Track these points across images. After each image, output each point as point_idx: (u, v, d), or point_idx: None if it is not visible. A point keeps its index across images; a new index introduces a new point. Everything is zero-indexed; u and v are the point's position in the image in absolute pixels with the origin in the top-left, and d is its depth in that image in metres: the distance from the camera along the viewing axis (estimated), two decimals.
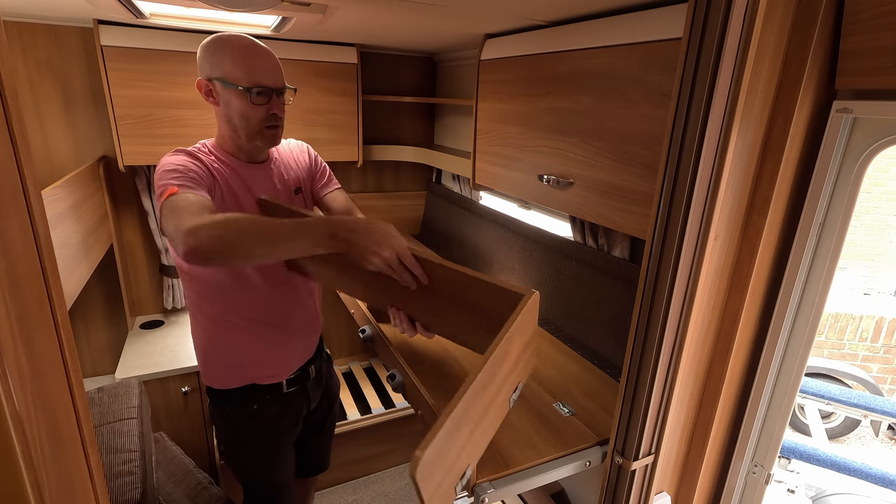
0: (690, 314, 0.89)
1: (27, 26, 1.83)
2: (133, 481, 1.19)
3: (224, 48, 1.13)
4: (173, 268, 2.29)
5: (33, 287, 0.46)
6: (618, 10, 1.18)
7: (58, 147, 1.99)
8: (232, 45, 1.13)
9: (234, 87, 1.12)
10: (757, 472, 1.08)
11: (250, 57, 1.13)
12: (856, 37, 0.76)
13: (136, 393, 1.53)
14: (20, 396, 0.39)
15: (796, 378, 0.99)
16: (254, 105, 1.14)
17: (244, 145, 1.22)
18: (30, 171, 0.45)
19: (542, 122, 1.40)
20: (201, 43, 1.16)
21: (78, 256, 1.60)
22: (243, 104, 1.14)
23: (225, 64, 1.12)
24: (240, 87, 1.12)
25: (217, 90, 1.15)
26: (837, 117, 0.83)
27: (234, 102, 1.14)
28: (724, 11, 0.72)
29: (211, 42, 1.15)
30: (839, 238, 0.89)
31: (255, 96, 1.13)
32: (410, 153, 2.52)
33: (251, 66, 1.12)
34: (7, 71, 0.41)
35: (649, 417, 0.97)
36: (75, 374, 0.52)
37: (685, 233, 0.84)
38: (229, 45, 1.13)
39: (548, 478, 1.04)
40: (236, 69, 1.12)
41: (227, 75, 1.12)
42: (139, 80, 1.83)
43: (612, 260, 1.46)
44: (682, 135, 0.81)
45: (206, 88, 1.16)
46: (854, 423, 3.58)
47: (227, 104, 1.15)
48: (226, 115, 1.17)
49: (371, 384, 2.68)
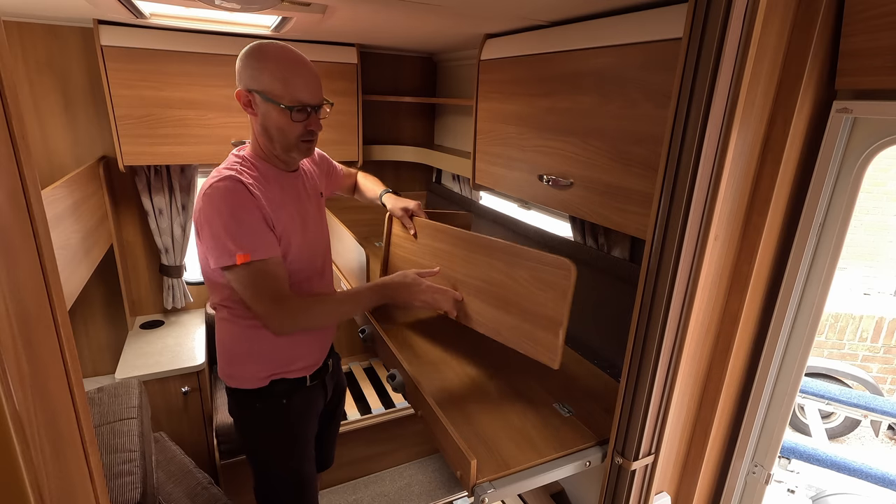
0: (690, 314, 0.89)
1: (27, 26, 1.83)
2: (133, 481, 1.19)
3: (266, 61, 1.12)
4: (173, 268, 2.29)
5: (33, 287, 0.46)
6: (618, 10, 1.18)
7: (58, 147, 1.99)
8: (276, 59, 1.13)
9: (275, 103, 1.13)
10: (757, 472, 1.08)
11: (293, 74, 1.13)
12: (856, 37, 0.76)
13: (136, 393, 1.53)
14: (20, 396, 0.39)
15: (796, 378, 0.99)
16: (293, 122, 1.15)
17: (280, 155, 1.23)
18: (30, 171, 0.45)
19: (542, 122, 1.40)
20: (242, 51, 1.15)
21: (78, 256, 1.60)
22: (283, 120, 1.15)
23: (265, 78, 1.12)
24: (281, 105, 1.13)
25: (256, 102, 1.15)
26: (837, 117, 0.83)
27: (273, 116, 1.15)
28: (724, 11, 0.72)
29: (252, 53, 1.13)
30: (839, 238, 0.89)
31: (296, 114, 1.14)
32: (410, 153, 2.52)
33: (293, 83, 1.12)
34: (7, 71, 0.41)
35: (649, 417, 0.97)
36: (75, 374, 0.52)
37: (685, 233, 0.84)
38: (273, 59, 1.12)
39: (548, 478, 1.04)
40: (277, 85, 1.12)
41: (268, 90, 1.12)
42: (139, 80, 1.83)
43: (612, 260, 1.46)
44: (682, 135, 0.81)
45: (245, 99, 1.16)
46: (854, 423, 3.58)
47: (266, 116, 1.15)
48: (264, 127, 1.18)
49: (371, 384, 2.68)
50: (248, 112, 1.18)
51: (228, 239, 1.09)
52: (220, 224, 1.10)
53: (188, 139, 1.96)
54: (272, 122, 1.16)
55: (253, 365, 1.32)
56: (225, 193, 1.11)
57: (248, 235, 1.11)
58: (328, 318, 1.27)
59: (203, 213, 1.12)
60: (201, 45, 1.88)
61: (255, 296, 1.13)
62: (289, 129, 1.16)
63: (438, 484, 2.50)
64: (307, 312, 1.20)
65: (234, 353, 1.33)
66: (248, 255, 1.10)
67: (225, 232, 1.09)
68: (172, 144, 1.94)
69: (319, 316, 1.23)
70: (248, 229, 1.11)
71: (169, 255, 2.26)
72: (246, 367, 1.32)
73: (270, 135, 1.18)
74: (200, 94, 1.92)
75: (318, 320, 1.24)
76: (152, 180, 2.12)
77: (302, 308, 1.19)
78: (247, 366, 1.32)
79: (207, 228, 1.12)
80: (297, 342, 1.34)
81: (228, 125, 2.00)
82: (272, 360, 1.33)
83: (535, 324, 1.15)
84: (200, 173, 2.29)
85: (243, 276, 1.12)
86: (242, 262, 1.09)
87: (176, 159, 1.98)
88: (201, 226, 1.14)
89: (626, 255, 1.44)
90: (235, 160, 1.21)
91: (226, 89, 1.95)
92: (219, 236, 1.10)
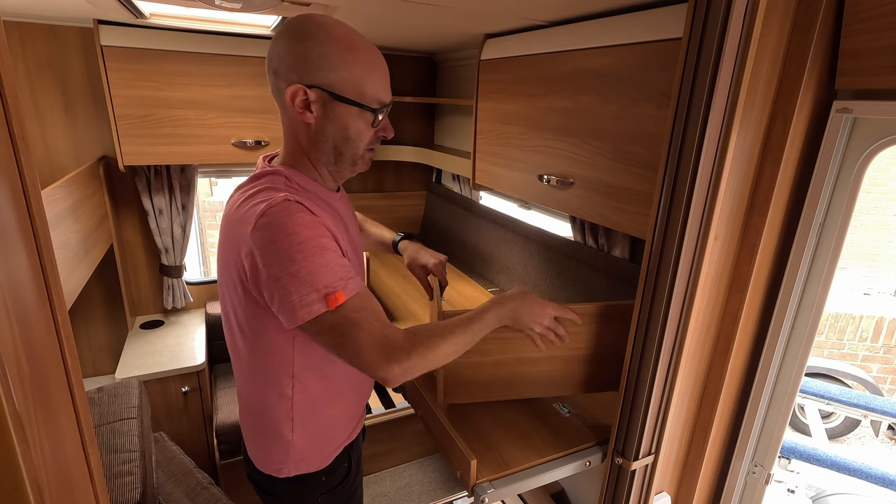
0: (690, 314, 0.89)
1: (27, 26, 1.83)
2: (133, 481, 1.19)
3: (336, 45, 0.83)
4: (173, 268, 2.29)
5: (33, 287, 0.46)
6: (618, 10, 1.18)
7: (58, 147, 1.99)
8: (348, 43, 0.84)
9: (355, 104, 0.86)
10: (757, 472, 1.08)
11: (372, 65, 0.87)
12: (856, 37, 0.76)
13: (136, 393, 1.53)
14: (20, 396, 0.39)
15: (796, 378, 0.99)
16: (372, 127, 0.90)
17: (334, 170, 0.94)
18: (30, 171, 0.45)
19: (542, 122, 1.40)
20: (287, 30, 0.84)
21: (78, 256, 1.60)
22: (360, 125, 0.88)
23: (339, 71, 0.83)
24: (363, 106, 0.87)
25: (320, 102, 0.85)
26: (837, 117, 0.83)
27: (344, 121, 0.87)
28: (724, 11, 0.72)
29: (310, 31, 0.82)
30: (839, 238, 0.89)
31: (379, 117, 0.89)
32: (410, 153, 2.53)
33: (374, 77, 0.87)
34: (7, 71, 0.41)
35: (649, 417, 0.97)
36: (75, 374, 0.52)
37: (685, 233, 0.84)
38: (345, 42, 0.84)
39: (548, 478, 1.04)
40: (356, 80, 0.85)
41: (343, 86, 0.84)
42: (139, 80, 1.83)
43: (612, 260, 1.46)
44: (682, 135, 0.81)
45: (301, 98, 0.84)
46: (854, 423, 3.58)
47: (334, 121, 0.87)
48: (324, 134, 0.88)
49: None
50: (299, 113, 0.86)
51: (309, 279, 0.78)
52: (293, 261, 0.78)
53: (188, 139, 1.96)
54: (341, 128, 0.88)
55: (327, 440, 1.04)
56: (292, 220, 0.79)
57: (332, 269, 0.81)
58: (451, 355, 0.92)
59: (264, 253, 0.78)
60: (201, 45, 1.88)
61: (363, 343, 0.82)
62: (365, 135, 0.90)
63: (438, 484, 2.49)
64: (431, 350, 0.88)
65: (307, 434, 1.01)
66: (341, 294, 0.81)
67: (306, 271, 0.78)
68: (172, 144, 1.94)
69: (442, 354, 0.90)
70: (332, 261, 0.81)
71: (169, 255, 2.26)
72: (318, 445, 1.03)
73: (334, 144, 0.89)
74: (200, 94, 1.92)
75: (441, 359, 0.90)
76: (152, 180, 2.12)
77: (424, 344, 0.87)
78: (319, 442, 1.03)
79: (274, 269, 0.78)
80: (364, 393, 1.13)
81: (228, 125, 2.00)
82: (348, 425, 1.08)
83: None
84: (200, 173, 2.30)
85: (338, 322, 0.81)
86: (337, 306, 0.80)
87: (176, 159, 1.98)
88: (257, 270, 0.80)
89: (626, 255, 1.44)
90: (280, 180, 0.89)
91: (226, 89, 1.95)
92: (297, 275, 0.78)
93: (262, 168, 0.93)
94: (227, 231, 0.88)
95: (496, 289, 2.04)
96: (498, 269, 2.05)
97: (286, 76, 0.84)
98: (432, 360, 0.88)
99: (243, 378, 1.01)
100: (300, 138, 0.91)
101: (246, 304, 0.88)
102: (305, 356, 0.95)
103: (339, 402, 1.05)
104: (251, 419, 1.04)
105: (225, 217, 0.91)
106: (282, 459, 1.02)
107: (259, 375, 0.97)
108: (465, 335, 0.93)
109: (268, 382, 0.97)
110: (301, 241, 0.78)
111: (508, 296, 1.02)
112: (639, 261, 1.41)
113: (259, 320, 0.89)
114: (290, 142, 0.93)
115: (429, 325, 0.94)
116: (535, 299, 1.02)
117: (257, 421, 1.02)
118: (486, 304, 0.99)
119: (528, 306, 1.01)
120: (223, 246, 0.91)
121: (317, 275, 0.78)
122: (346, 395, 1.06)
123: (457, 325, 0.93)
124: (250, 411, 1.03)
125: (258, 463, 1.05)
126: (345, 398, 1.06)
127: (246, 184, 0.91)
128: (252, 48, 1.95)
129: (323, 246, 0.80)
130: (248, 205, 0.83)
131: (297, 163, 0.93)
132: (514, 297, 1.02)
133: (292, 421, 0.99)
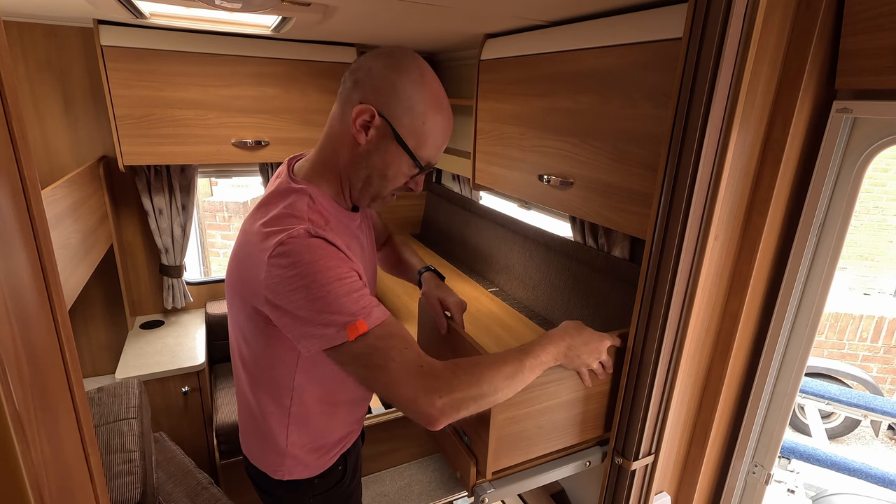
0: (690, 314, 0.89)
1: (27, 26, 1.83)
2: (133, 481, 1.19)
3: (424, 94, 0.86)
4: (173, 268, 2.29)
5: (33, 287, 0.46)
6: (618, 10, 1.18)
7: (58, 147, 1.99)
8: (434, 99, 0.87)
9: (409, 153, 0.87)
10: (757, 472, 1.08)
11: (442, 128, 0.90)
12: (856, 37, 0.76)
13: (136, 393, 1.53)
14: (20, 396, 0.39)
15: (796, 378, 0.99)
16: (407, 177, 0.92)
17: (356, 194, 0.94)
18: (30, 171, 0.45)
19: (542, 123, 1.40)
20: (388, 56, 0.86)
21: (78, 256, 1.60)
22: (401, 169, 0.90)
23: (413, 120, 0.86)
24: (414, 159, 0.88)
25: (380, 132, 0.86)
26: (837, 117, 0.83)
27: (391, 159, 0.88)
28: (724, 11, 0.72)
29: (410, 72, 0.85)
30: (839, 238, 0.89)
31: (419, 173, 0.92)
32: None
33: (435, 139, 0.90)
34: (7, 71, 0.41)
35: (649, 418, 0.97)
36: (75, 374, 0.52)
37: (685, 233, 0.84)
38: (432, 97, 0.87)
39: (548, 478, 1.04)
40: (421, 132, 0.87)
41: (407, 132, 0.86)
42: (139, 80, 1.83)
43: (612, 260, 1.46)
44: (682, 135, 0.81)
45: (364, 122, 0.85)
46: (854, 423, 3.58)
47: (382, 154, 0.88)
48: (367, 159, 0.89)
49: None
50: (355, 130, 0.86)
51: (327, 309, 0.77)
52: (309, 290, 0.76)
53: (188, 139, 1.96)
54: (387, 164, 0.89)
55: (327, 446, 1.06)
56: (311, 248, 0.78)
57: (353, 298, 0.78)
58: (501, 391, 0.82)
59: (281, 282, 0.77)
60: (201, 45, 1.88)
61: (394, 374, 0.77)
62: (398, 181, 0.92)
63: (438, 484, 2.49)
64: (478, 383, 0.79)
65: (301, 441, 1.02)
66: (363, 323, 0.77)
67: (323, 301, 0.76)
68: (172, 144, 1.94)
69: (491, 390, 0.81)
70: (352, 290, 0.79)
71: (169, 255, 2.26)
72: (314, 451, 1.04)
73: (371, 173, 0.90)
74: (200, 94, 1.92)
75: (490, 394, 0.81)
76: (152, 180, 2.12)
77: (468, 373, 0.80)
78: (315, 449, 1.04)
79: (290, 299, 0.77)
80: (365, 402, 1.14)
81: (228, 125, 2.00)
82: (346, 432, 1.09)
83: None
84: (200, 173, 2.30)
85: (363, 352, 0.78)
86: (357, 335, 0.77)
87: (176, 159, 1.98)
88: (273, 299, 0.79)
89: (626, 255, 1.44)
90: (304, 202, 0.88)
91: (226, 89, 1.95)
92: (314, 306, 0.76)
93: (287, 180, 0.91)
94: (243, 247, 0.87)
95: (496, 289, 2.04)
96: (498, 269, 2.05)
97: (364, 93, 0.85)
98: (480, 395, 0.79)
99: (243, 382, 1.02)
100: (341, 151, 0.90)
101: (255, 320, 0.88)
102: (307, 372, 0.95)
103: (336, 415, 1.05)
104: (249, 420, 1.06)
105: (243, 231, 0.89)
106: (277, 462, 1.03)
107: (259, 384, 0.98)
108: (519, 372, 0.83)
109: (267, 391, 0.98)
110: (318, 270, 0.77)
111: (562, 331, 0.94)
112: (639, 261, 1.41)
113: (265, 335, 0.89)
114: (328, 152, 0.92)
115: (471, 357, 0.86)
116: (592, 334, 0.96)
117: (254, 423, 1.04)
118: (538, 341, 0.90)
119: (589, 343, 0.95)
120: (237, 258, 0.89)
121: (334, 304, 0.76)
122: (345, 407, 1.06)
123: (505, 358, 0.84)
124: (248, 412, 1.05)
125: (253, 459, 1.08)
126: (342, 410, 1.06)
127: (270, 199, 0.89)
128: (252, 48, 1.95)
129: (341, 276, 0.78)
130: (267, 228, 0.82)
131: (326, 175, 0.93)
132: (570, 332, 0.94)
133: (287, 429, 0.99)
